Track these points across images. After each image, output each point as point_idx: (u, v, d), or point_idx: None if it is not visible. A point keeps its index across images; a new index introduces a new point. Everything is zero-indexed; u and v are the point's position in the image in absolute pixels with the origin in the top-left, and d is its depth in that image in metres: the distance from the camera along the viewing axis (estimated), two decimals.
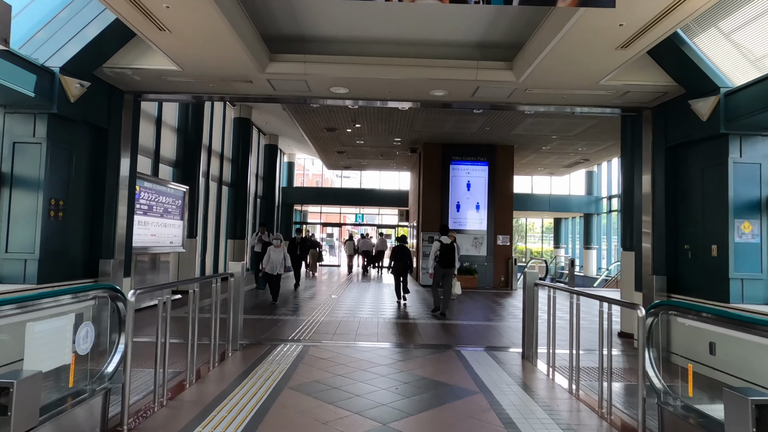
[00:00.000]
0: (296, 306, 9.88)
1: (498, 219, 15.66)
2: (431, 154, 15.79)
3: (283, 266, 10.09)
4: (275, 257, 9.97)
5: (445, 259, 9.14)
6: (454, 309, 10.24)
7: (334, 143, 16.30)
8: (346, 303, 10.52)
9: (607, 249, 23.64)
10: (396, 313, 9.41)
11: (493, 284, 15.49)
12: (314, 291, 12.89)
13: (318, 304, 10.27)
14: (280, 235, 10.60)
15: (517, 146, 15.89)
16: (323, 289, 13.40)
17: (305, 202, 24.63)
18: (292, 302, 10.47)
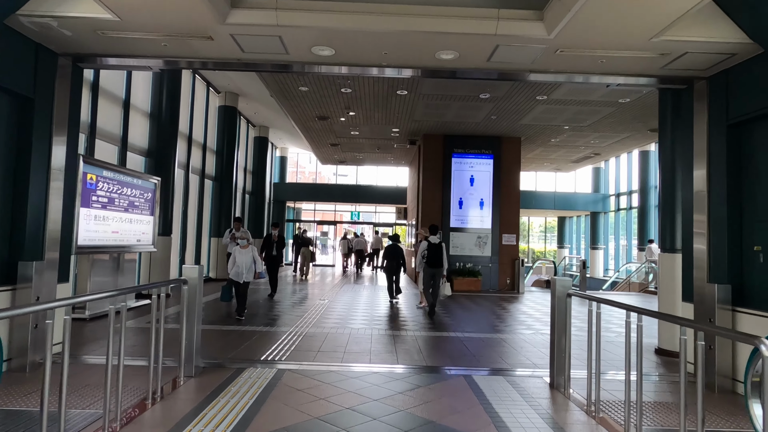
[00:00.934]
0: (278, 314, 8.68)
1: (504, 217, 14.50)
2: (432, 147, 14.61)
3: (252, 271, 8.14)
4: (241, 260, 8.01)
5: (434, 258, 8.89)
6: (458, 317, 9.07)
7: (327, 134, 15.10)
8: (337, 309, 9.33)
9: (615, 249, 22.51)
10: (392, 323, 8.24)
11: (498, 287, 14.33)
12: (303, 295, 11.70)
13: (304, 311, 9.08)
14: (247, 233, 9.20)
15: (525, 138, 14.72)
16: (313, 292, 12.21)
17: (298, 198, 23.44)
18: (275, 309, 9.28)
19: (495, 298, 12.25)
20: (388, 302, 10.71)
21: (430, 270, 8.93)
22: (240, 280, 8.05)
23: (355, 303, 10.37)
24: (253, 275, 8.22)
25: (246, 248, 8.18)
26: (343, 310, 9.20)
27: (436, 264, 8.90)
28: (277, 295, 11.05)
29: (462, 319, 8.87)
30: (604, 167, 23.76)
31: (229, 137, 14.84)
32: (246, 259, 8.09)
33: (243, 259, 8.07)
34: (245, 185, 18.07)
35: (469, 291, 13.65)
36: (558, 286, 4.55)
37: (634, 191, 20.85)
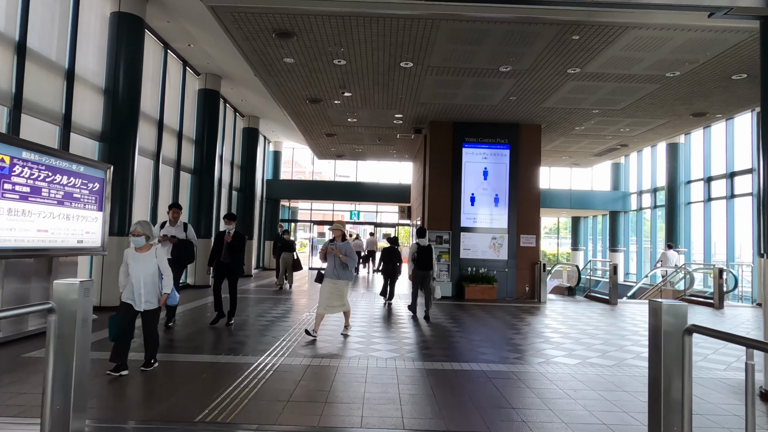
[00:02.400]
0: (247, 335, 6.93)
1: (522, 215, 12.73)
2: (440, 135, 12.86)
3: (155, 292, 4.90)
4: (138, 272, 4.81)
5: (422, 261, 8.86)
6: (474, 335, 7.30)
7: (321, 121, 13.36)
8: (326, 327, 7.59)
9: (637, 251, 20.69)
10: (393, 345, 6.48)
11: (516, 295, 12.56)
12: (285, 308, 9.95)
13: (284, 330, 7.34)
14: (146, 225, 4.98)
15: (545, 126, 12.95)
16: (299, 304, 10.46)
17: (293, 197, 21.71)
18: (245, 329, 7.53)
19: (513, 309, 10.47)
20: (389, 319, 8.96)
21: (420, 273, 8.88)
22: (137, 306, 4.82)
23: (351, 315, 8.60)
24: (158, 300, 4.91)
25: (146, 251, 4.87)
26: (333, 328, 7.44)
27: (425, 266, 8.85)
28: (252, 310, 9.31)
29: (479, 338, 7.10)
30: (624, 162, 21.97)
31: (210, 125, 13.12)
32: (146, 270, 4.82)
33: (141, 271, 4.82)
34: (232, 180, 16.34)
35: (483, 300, 11.89)
36: (667, 316, 2.77)
37: (659, 188, 19.06)
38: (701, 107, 10.87)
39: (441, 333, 7.43)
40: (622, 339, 7.31)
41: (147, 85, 10.35)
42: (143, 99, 10.10)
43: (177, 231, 7.31)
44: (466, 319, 8.88)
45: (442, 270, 12.41)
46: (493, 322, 8.60)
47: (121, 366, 4.69)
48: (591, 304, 11.84)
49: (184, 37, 10.71)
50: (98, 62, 8.72)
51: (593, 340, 7.18)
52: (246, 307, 9.25)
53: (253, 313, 8.68)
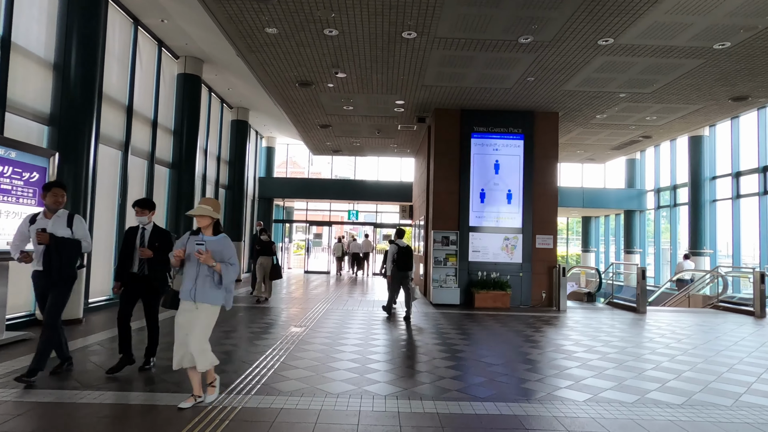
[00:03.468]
0: (225, 353, 5.61)
1: (537, 213, 11.41)
2: (446, 125, 11.54)
3: None
4: None
5: (402, 262, 8.85)
6: (493, 357, 5.96)
7: (314, 110, 12.05)
8: (313, 346, 6.28)
9: (654, 253, 19.35)
10: (395, 373, 5.14)
11: (532, 302, 11.23)
12: (268, 321, 8.64)
13: (263, 349, 6.02)
14: None
15: (563, 114, 11.64)
16: (288, 315, 9.14)
17: (287, 195, 20.40)
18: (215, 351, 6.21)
19: (531, 320, 9.15)
20: (391, 334, 7.63)
21: (400, 273, 8.83)
22: None
23: (343, 331, 7.28)
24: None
25: None
26: (321, 349, 6.11)
27: (405, 267, 8.83)
28: (213, 331, 7.99)
29: (499, 361, 5.76)
30: (639, 158, 20.65)
31: (190, 114, 11.81)
32: None
33: None
34: (219, 177, 15.02)
35: (496, 308, 10.56)
36: None
37: (680, 185, 17.75)
38: (745, 89, 9.55)
39: (451, 352, 6.11)
40: (674, 361, 5.99)
41: (112, 64, 9.05)
42: (108, 80, 8.83)
43: (55, 225, 4.60)
44: (478, 334, 7.55)
45: (449, 275, 11.10)
46: (512, 338, 7.26)
47: None
48: (616, 313, 10.51)
49: (156, 11, 9.41)
50: (46, 32, 7.41)
51: (641, 363, 5.85)
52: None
53: (212, 336, 7.35)
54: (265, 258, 10.52)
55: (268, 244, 10.58)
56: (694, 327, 8.81)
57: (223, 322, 7.90)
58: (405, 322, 8.42)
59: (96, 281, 8.74)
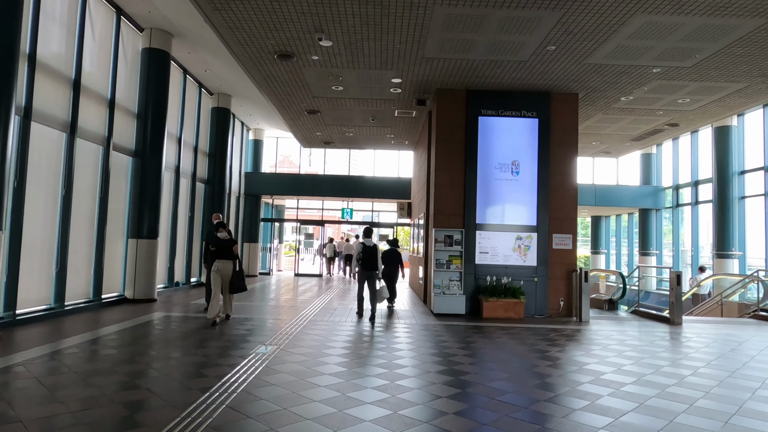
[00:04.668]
0: (145, 396, 4.13)
1: (554, 208, 9.95)
2: (449, 106, 10.07)
3: None
4: None
5: (366, 261, 8.61)
6: (517, 389, 4.46)
7: (299, 91, 10.57)
8: (280, 377, 4.80)
9: (673, 255, 17.87)
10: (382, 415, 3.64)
11: (548, 312, 9.75)
12: (242, 331, 7.16)
13: (208, 382, 4.53)
14: None
15: (583, 96, 10.17)
16: (263, 326, 7.65)
17: (276, 192, 18.88)
18: (144, 382, 4.73)
19: (550, 334, 7.66)
20: (379, 341, 6.13)
21: (365, 273, 8.66)
22: None
23: (322, 353, 5.79)
24: None
25: None
26: (287, 383, 4.61)
27: (368, 267, 8.64)
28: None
29: (513, 388, 4.27)
30: (656, 152, 19.19)
31: (157, 95, 10.32)
32: None
33: None
34: (196, 170, 13.53)
35: (507, 319, 9.08)
36: None
37: (702, 181, 16.30)
38: None
39: (454, 375, 4.63)
40: (736, 389, 4.50)
41: (51, 27, 7.57)
42: (44, 46, 7.34)
43: None
44: (487, 352, 6.06)
45: (453, 280, 9.62)
46: (528, 356, 5.77)
47: None
48: (646, 324, 9.03)
49: None
50: None
51: (704, 397, 4.37)
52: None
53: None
54: (224, 263, 7.66)
55: (228, 244, 7.75)
56: (748, 344, 7.32)
57: (164, 342, 6.41)
58: (370, 322, 8.24)
59: (26, 287, 7.22)
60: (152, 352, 5.58)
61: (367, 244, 8.74)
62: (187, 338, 6.46)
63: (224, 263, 7.66)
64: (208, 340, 6.38)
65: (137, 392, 4.11)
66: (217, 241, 7.72)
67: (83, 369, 4.80)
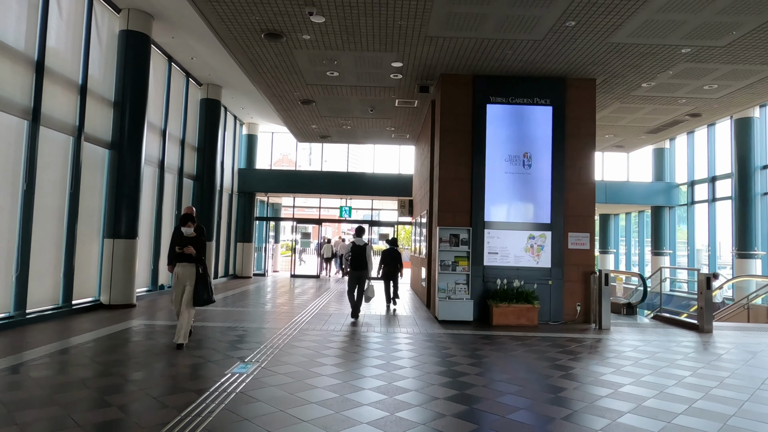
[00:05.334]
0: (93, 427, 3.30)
1: (570, 205, 9.09)
2: (455, 93, 9.21)
3: None
4: None
5: (355, 261, 8.50)
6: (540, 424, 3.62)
7: (291, 79, 9.71)
8: (257, 407, 3.95)
9: (688, 255, 16.99)
10: None
11: (563, 318, 8.89)
12: (219, 341, 6.32)
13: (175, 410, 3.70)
14: None
15: (602, 80, 9.32)
16: (246, 335, 6.81)
17: (271, 189, 18.03)
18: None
19: (569, 344, 6.81)
20: (377, 356, 5.28)
21: (354, 273, 8.57)
22: None
23: (310, 373, 4.94)
24: None
25: None
26: (267, 411, 3.76)
27: (356, 267, 8.54)
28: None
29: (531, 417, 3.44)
30: (669, 147, 18.32)
31: (135, 82, 9.47)
32: None
33: None
34: (182, 165, 12.67)
35: (520, 326, 8.23)
36: None
37: (720, 176, 15.42)
38: None
39: (464, 402, 3.79)
40: None
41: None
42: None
43: None
44: (499, 366, 5.21)
45: (459, 283, 8.77)
46: (545, 371, 4.92)
47: None
48: (672, 332, 8.18)
49: None
50: None
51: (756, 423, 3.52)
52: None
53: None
54: (184, 267, 5.92)
55: (195, 241, 5.96)
56: None
57: (126, 358, 5.56)
58: (352, 318, 8.39)
59: None
60: (106, 374, 4.74)
61: (357, 243, 8.58)
62: (157, 354, 5.60)
63: (184, 267, 5.94)
64: (179, 356, 5.53)
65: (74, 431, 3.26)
66: (180, 238, 6.01)
67: (18, 396, 3.95)
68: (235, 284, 14.87)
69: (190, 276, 5.93)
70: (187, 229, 5.98)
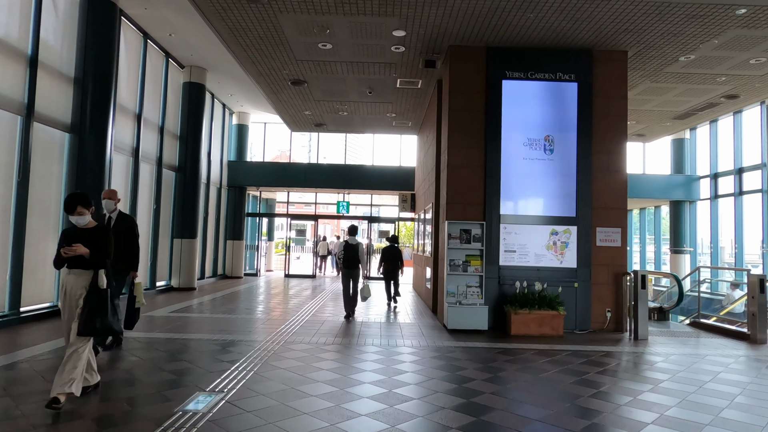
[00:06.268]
0: None
1: (599, 196, 7.92)
2: (466, 68, 8.01)
3: None
4: None
5: (348, 260, 8.41)
6: None
7: (278, 52, 8.51)
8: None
9: (711, 253, 15.80)
10: None
11: (591, 326, 7.72)
12: (181, 363, 5.16)
13: None
14: None
15: (635, 52, 8.12)
16: (220, 349, 5.64)
17: (263, 183, 16.84)
18: None
19: (609, 363, 5.65)
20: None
21: (346, 271, 8.44)
22: None
23: (291, 403, 3.76)
24: None
25: None
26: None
27: (349, 265, 8.41)
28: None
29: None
30: (689, 138, 17.12)
31: (99, 56, 8.28)
32: None
33: None
34: (161, 154, 11.47)
35: (542, 336, 7.06)
36: None
37: (748, 168, 14.23)
38: None
39: None
40: None
41: None
42: None
43: None
44: (523, 390, 4.03)
45: (472, 286, 7.59)
46: (579, 394, 3.75)
47: None
48: (719, 343, 7.01)
49: None
50: None
51: None
52: None
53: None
54: (73, 275, 3.80)
55: (96, 240, 3.83)
56: None
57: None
58: (345, 320, 8.09)
59: None
60: (15, 408, 3.56)
61: (350, 242, 8.53)
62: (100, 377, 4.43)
63: (75, 277, 3.79)
64: (121, 387, 4.35)
65: None
66: (72, 233, 3.87)
67: None
68: (223, 285, 13.69)
69: (83, 289, 3.77)
70: (78, 218, 3.81)
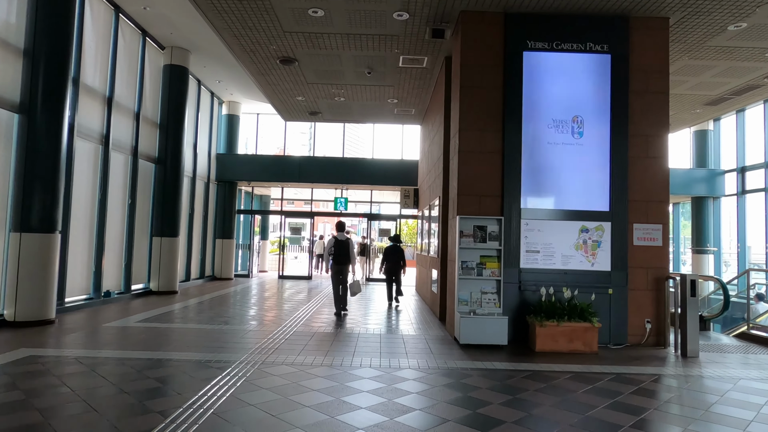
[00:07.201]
0: None
1: (636, 187, 6.77)
2: (480, 38, 6.86)
3: None
4: None
5: (338, 255, 8.42)
6: None
7: (263, 20, 7.35)
8: None
9: (738, 254, 14.64)
10: None
11: (628, 340, 6.57)
12: (142, 384, 4.01)
13: None
14: None
15: (678, 20, 6.96)
16: (192, 369, 4.50)
17: (255, 178, 15.67)
18: None
19: (661, 390, 4.52)
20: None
21: (336, 267, 8.42)
22: None
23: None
24: None
25: None
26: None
27: (339, 261, 8.39)
28: None
29: None
30: (713, 129, 15.96)
31: (54, 27, 7.13)
32: None
33: None
34: (137, 143, 10.33)
35: (573, 353, 5.92)
36: None
37: None
38: None
39: None
40: None
41: None
42: None
43: None
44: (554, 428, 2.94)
45: (488, 292, 6.45)
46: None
47: None
48: None
49: None
50: None
51: None
52: None
53: None
54: None
55: None
56: None
57: None
58: (336, 317, 8.07)
59: None
60: None
61: (339, 238, 8.47)
62: (36, 406, 3.28)
63: None
64: (73, 413, 3.21)
65: None
66: None
67: None
68: (210, 288, 12.56)
69: None
70: None
